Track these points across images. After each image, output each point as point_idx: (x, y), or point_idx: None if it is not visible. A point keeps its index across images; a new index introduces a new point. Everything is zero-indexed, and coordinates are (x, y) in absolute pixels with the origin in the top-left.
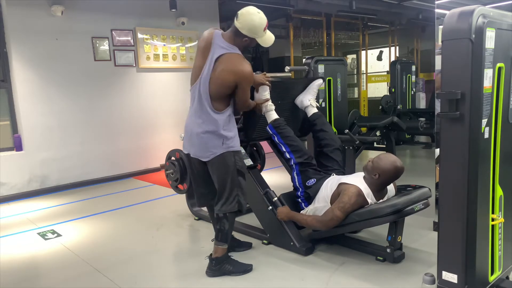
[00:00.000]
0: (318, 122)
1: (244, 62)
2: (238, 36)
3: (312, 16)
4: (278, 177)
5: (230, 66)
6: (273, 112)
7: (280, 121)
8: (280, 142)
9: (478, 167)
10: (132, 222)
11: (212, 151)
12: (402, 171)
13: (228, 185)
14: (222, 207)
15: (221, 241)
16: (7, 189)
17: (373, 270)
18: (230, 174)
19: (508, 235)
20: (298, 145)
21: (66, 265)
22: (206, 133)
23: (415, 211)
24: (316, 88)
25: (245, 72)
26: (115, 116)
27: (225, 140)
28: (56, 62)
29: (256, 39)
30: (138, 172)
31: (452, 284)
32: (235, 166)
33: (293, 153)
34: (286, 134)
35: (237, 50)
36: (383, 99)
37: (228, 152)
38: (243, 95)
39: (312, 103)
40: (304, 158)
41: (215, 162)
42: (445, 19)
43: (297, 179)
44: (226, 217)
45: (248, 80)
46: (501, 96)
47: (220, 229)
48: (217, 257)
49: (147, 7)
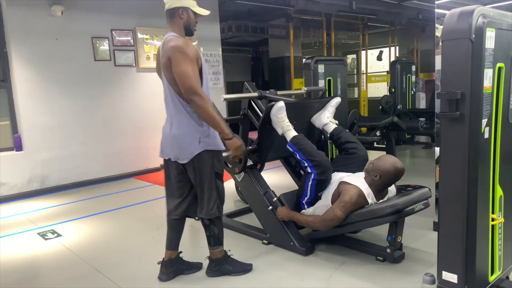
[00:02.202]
0: (343, 135)
1: (178, 39)
2: (174, 17)
3: (312, 16)
4: (278, 177)
5: (164, 48)
6: (291, 130)
7: (299, 137)
8: (302, 159)
9: (478, 167)
10: (132, 222)
11: (189, 150)
12: (403, 172)
13: (206, 189)
14: (206, 212)
15: (215, 245)
16: (7, 189)
17: (373, 270)
18: (208, 177)
19: (508, 235)
20: (320, 161)
21: (66, 265)
22: (182, 131)
23: (415, 211)
24: (334, 106)
25: (174, 44)
26: (115, 116)
27: (202, 137)
28: (56, 62)
29: (190, 9)
30: (138, 172)
31: (452, 284)
32: (213, 169)
33: (314, 168)
34: (308, 150)
35: (173, 33)
36: (383, 99)
37: (206, 152)
38: (176, 67)
39: (331, 120)
40: (326, 176)
41: (194, 163)
42: (445, 19)
43: (310, 188)
44: (213, 223)
45: (178, 50)
46: (501, 96)
47: (210, 235)
48: (216, 258)
49: (147, 7)
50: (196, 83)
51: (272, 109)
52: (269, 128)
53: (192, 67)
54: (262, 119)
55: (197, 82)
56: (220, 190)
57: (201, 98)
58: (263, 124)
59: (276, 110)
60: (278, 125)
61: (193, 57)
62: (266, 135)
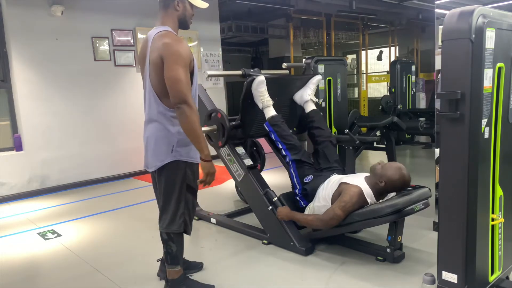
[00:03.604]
0: (316, 119)
1: (171, 36)
2: (168, 7)
3: (312, 16)
4: (278, 177)
5: (155, 43)
6: (271, 108)
7: (277, 118)
8: (277, 140)
9: (478, 167)
10: (132, 222)
11: (160, 158)
12: (409, 185)
13: (174, 200)
14: (167, 225)
15: (172, 264)
16: (7, 189)
17: (373, 270)
18: (177, 188)
19: (508, 235)
20: (294, 143)
21: (66, 265)
22: (155, 135)
23: (415, 211)
24: (315, 83)
25: (169, 43)
26: (115, 116)
27: (175, 146)
28: (56, 62)
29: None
30: (138, 172)
31: (452, 284)
32: (184, 180)
33: (289, 151)
34: (283, 133)
35: (167, 28)
36: (383, 99)
37: (178, 161)
38: (168, 70)
39: (312, 98)
40: (300, 155)
41: (162, 171)
42: (445, 19)
43: (294, 176)
44: (172, 239)
45: (172, 52)
46: (501, 96)
47: (167, 252)
48: (172, 279)
49: (147, 7)
50: (188, 90)
51: (253, 83)
52: (250, 103)
53: (185, 71)
54: (243, 93)
55: (189, 89)
56: (190, 204)
57: (189, 108)
58: (244, 99)
59: (256, 84)
60: (259, 99)
61: (187, 60)
62: (248, 111)
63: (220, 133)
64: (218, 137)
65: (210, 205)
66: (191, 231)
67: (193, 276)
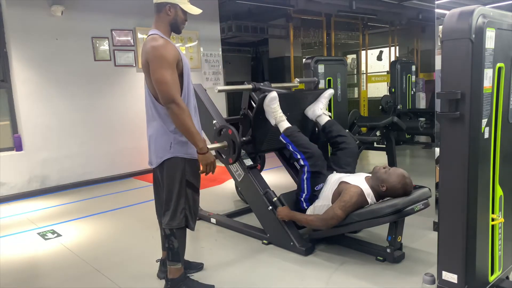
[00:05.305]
0: (335, 129)
1: (157, 39)
2: (160, 12)
3: (312, 16)
4: (278, 177)
5: (144, 47)
6: (284, 121)
7: (292, 129)
8: (295, 150)
9: (478, 167)
10: (132, 222)
11: (160, 154)
12: (410, 193)
13: (175, 196)
14: (168, 221)
15: (173, 261)
16: (7, 189)
17: (373, 270)
18: (177, 184)
19: (508, 235)
20: (312, 151)
21: (66, 265)
22: (155, 133)
23: (415, 211)
24: (327, 97)
25: (153, 46)
26: (115, 116)
27: (173, 143)
28: (56, 62)
29: (179, 5)
30: (138, 172)
31: (452, 284)
32: (184, 176)
33: (307, 160)
34: (300, 141)
35: (156, 31)
36: (383, 99)
37: (176, 157)
38: (153, 73)
39: (325, 112)
40: (319, 167)
41: (163, 168)
42: (445, 19)
43: (306, 182)
44: (174, 234)
45: (155, 55)
46: (501, 96)
47: (169, 247)
48: (172, 278)
49: (147, 7)
50: (174, 90)
51: (265, 100)
52: (262, 119)
53: (170, 72)
54: (255, 109)
55: (175, 89)
56: (190, 199)
57: (178, 107)
58: (256, 115)
59: (269, 100)
60: (271, 115)
61: (173, 61)
62: (260, 126)
63: (231, 150)
64: (228, 153)
65: (210, 205)
66: (194, 227)
67: (193, 276)
